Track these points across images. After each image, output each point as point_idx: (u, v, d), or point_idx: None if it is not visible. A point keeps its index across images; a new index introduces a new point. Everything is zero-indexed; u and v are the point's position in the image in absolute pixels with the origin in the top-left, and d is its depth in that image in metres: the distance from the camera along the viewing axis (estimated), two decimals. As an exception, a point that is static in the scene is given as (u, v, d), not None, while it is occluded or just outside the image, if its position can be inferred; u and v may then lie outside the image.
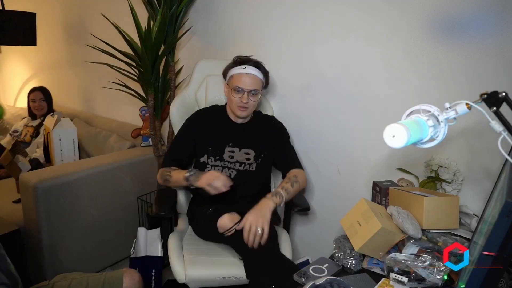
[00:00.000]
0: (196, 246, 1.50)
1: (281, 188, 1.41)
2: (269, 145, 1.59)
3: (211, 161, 1.56)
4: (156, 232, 1.90)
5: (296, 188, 1.46)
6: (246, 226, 1.27)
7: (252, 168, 1.57)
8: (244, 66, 1.49)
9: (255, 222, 1.27)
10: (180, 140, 1.61)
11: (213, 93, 1.76)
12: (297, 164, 1.58)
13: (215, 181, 1.36)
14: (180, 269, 1.37)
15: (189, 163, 1.68)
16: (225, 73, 1.55)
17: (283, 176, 1.59)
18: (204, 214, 1.49)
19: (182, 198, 1.71)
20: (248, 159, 1.56)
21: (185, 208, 1.72)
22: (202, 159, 1.56)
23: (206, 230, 1.51)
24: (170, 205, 1.56)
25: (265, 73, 1.53)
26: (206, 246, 1.49)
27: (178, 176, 1.49)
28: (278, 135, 1.63)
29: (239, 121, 1.58)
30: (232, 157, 1.55)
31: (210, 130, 1.57)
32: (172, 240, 1.50)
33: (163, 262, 1.89)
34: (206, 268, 1.38)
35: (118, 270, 1.24)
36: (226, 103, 1.61)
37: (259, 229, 1.26)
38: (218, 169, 1.55)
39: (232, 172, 1.55)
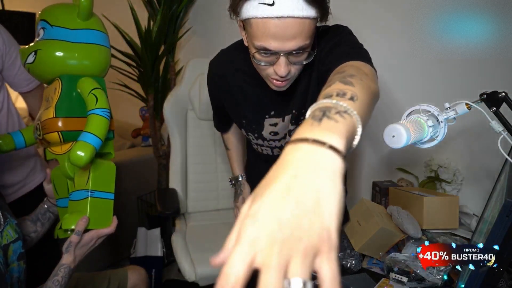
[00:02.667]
0: (201, 243, 1.50)
1: (335, 95, 0.47)
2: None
3: (254, 140, 1.05)
4: (156, 232, 1.91)
5: (367, 89, 0.55)
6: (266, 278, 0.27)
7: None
8: None
9: (283, 258, 0.27)
10: (214, 108, 1.16)
11: (207, 92, 1.77)
12: (354, 57, 0.72)
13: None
14: (189, 269, 1.37)
15: None
16: (235, 7, 0.74)
17: None
18: None
19: (181, 198, 1.71)
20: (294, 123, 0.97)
21: (184, 207, 1.72)
22: (244, 133, 1.08)
23: None
24: (175, 204, 1.56)
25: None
26: (211, 243, 1.50)
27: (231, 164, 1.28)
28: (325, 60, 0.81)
29: (282, 89, 0.86)
30: (276, 133, 0.99)
31: (239, 92, 0.98)
32: (176, 240, 1.50)
33: (163, 262, 1.90)
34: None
35: (122, 268, 1.24)
36: None
37: (302, 282, 0.27)
38: (266, 150, 1.06)
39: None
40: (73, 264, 0.92)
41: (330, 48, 0.81)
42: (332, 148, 0.34)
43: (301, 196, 0.29)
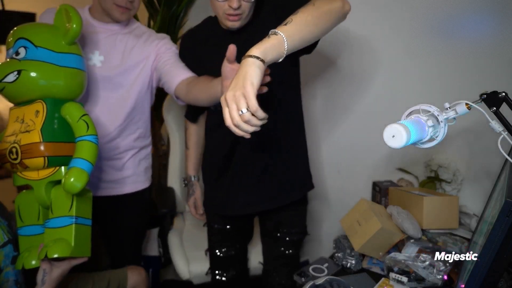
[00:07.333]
0: (197, 242, 1.50)
1: (282, 24, 0.77)
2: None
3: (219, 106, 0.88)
4: (154, 231, 1.91)
5: (308, 16, 0.78)
6: (224, 112, 0.72)
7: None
8: None
9: (230, 100, 0.70)
10: None
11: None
12: None
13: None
14: (183, 267, 1.38)
15: None
16: None
17: None
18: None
19: (178, 197, 1.71)
20: None
21: (182, 206, 1.72)
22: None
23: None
24: (171, 203, 1.56)
25: None
26: (207, 241, 1.50)
27: None
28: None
29: (236, 25, 1.01)
30: None
31: (208, 60, 1.08)
32: (173, 238, 1.50)
33: (160, 261, 1.90)
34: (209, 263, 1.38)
35: (122, 268, 1.24)
36: None
37: (241, 110, 0.69)
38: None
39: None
40: None
41: None
42: (255, 56, 0.71)
43: (237, 80, 0.70)
